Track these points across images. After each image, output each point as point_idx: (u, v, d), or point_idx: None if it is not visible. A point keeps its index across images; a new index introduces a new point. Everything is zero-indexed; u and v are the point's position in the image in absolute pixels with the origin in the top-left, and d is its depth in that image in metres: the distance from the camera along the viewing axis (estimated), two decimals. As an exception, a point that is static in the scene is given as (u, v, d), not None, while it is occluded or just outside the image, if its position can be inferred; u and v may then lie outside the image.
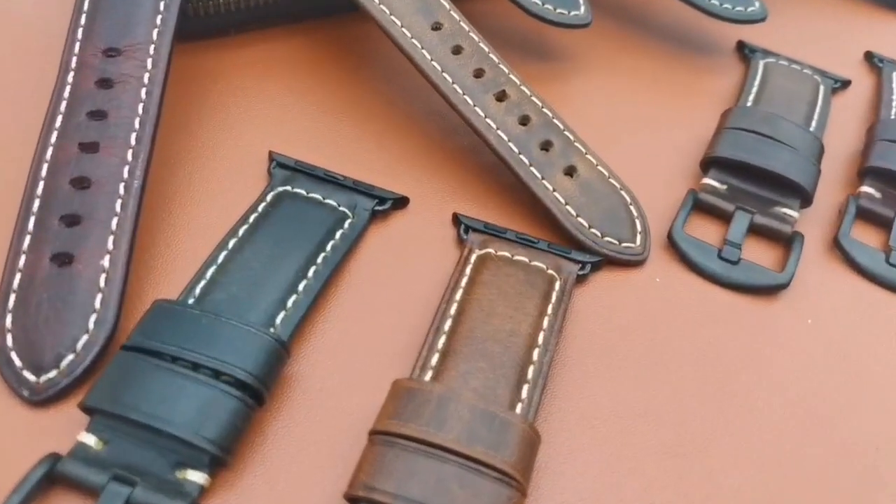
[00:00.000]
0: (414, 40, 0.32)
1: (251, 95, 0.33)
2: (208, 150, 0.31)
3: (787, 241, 0.31)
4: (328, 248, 0.27)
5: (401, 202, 0.30)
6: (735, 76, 0.39)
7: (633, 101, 0.37)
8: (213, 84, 0.33)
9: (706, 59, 0.40)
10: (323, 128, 0.33)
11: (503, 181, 0.31)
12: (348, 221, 0.28)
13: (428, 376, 0.23)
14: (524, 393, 0.23)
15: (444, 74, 0.31)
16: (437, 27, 0.32)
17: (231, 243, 0.26)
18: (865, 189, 0.33)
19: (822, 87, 0.38)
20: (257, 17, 0.35)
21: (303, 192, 0.29)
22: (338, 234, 0.27)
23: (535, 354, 0.24)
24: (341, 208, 0.28)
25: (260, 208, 0.28)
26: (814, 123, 0.35)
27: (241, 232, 0.27)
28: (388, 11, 0.32)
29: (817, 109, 0.36)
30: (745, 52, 0.40)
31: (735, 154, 0.32)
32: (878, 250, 0.31)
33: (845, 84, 0.39)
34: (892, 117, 0.36)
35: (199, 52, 0.34)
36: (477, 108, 0.31)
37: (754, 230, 0.31)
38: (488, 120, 0.30)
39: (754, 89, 0.36)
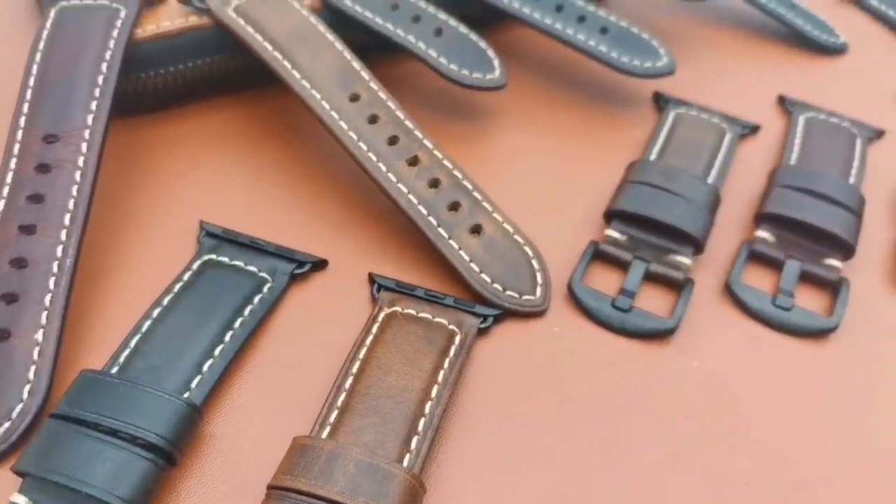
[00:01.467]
0: (332, 112, 0.34)
1: (186, 166, 0.36)
2: (143, 221, 0.33)
3: (679, 288, 0.33)
4: (246, 312, 0.29)
5: (320, 264, 0.32)
6: (650, 127, 0.41)
7: (550, 156, 0.39)
8: (150, 156, 0.36)
9: (625, 112, 0.42)
10: (253, 195, 0.35)
11: (418, 241, 0.33)
12: (267, 286, 0.30)
13: (325, 433, 0.25)
14: (413, 444, 0.25)
15: (360, 143, 0.33)
16: (354, 98, 0.35)
17: (155, 312, 0.28)
18: (760, 234, 0.35)
19: (728, 135, 0.40)
20: (192, 91, 0.38)
21: (227, 259, 0.31)
22: (256, 299, 0.30)
23: (427, 407, 0.26)
24: (261, 274, 0.31)
25: (185, 277, 0.30)
26: (714, 172, 0.37)
27: (165, 301, 0.29)
28: (308, 86, 0.35)
29: (719, 158, 0.38)
30: (660, 104, 0.42)
31: (633, 207, 0.34)
32: (765, 293, 0.33)
33: (754, 129, 0.41)
34: (793, 162, 0.39)
35: (137, 127, 0.37)
36: (389, 174, 0.33)
37: (651, 277, 0.33)
38: (400, 185, 0.33)
39: (660, 141, 0.39)
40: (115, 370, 0.27)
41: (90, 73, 0.32)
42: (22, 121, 0.31)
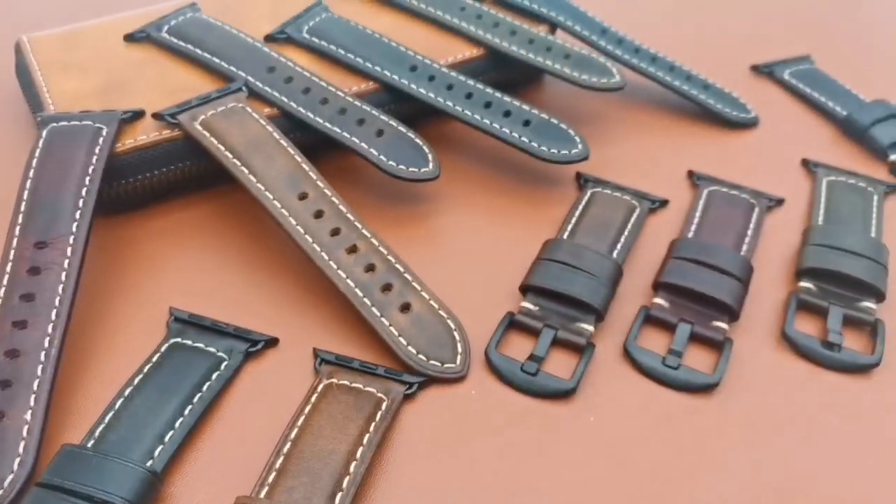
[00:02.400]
0: (283, 210, 0.39)
1: (159, 258, 0.41)
2: (121, 309, 0.38)
3: (581, 351, 0.37)
4: (204, 388, 0.34)
5: (272, 342, 0.37)
6: (571, 205, 0.46)
7: (479, 236, 0.44)
8: (128, 250, 0.41)
9: (551, 191, 0.47)
10: (219, 281, 0.40)
11: (358, 318, 0.38)
12: (224, 364, 0.35)
13: (263, 492, 0.30)
14: (337, 500, 0.30)
15: (307, 236, 0.39)
16: (303, 196, 0.40)
17: (127, 391, 0.33)
18: (657, 300, 0.40)
19: (637, 210, 0.45)
20: (166, 192, 0.43)
21: (190, 342, 0.36)
22: (214, 376, 0.34)
23: (352, 467, 0.31)
24: (219, 353, 0.36)
25: (154, 359, 0.35)
26: (619, 247, 0.42)
27: (135, 381, 0.34)
28: (263, 188, 0.40)
29: (625, 233, 0.43)
30: (581, 183, 0.47)
31: (543, 282, 0.39)
32: (657, 354, 0.38)
33: (663, 203, 0.46)
34: (691, 235, 0.43)
35: (117, 224, 0.42)
36: (331, 262, 0.38)
37: (559, 343, 0.38)
38: (340, 271, 0.38)
39: (574, 220, 0.44)
40: (90, 443, 0.31)
41: (75, 186, 0.38)
42: (17, 230, 0.36)
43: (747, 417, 0.36)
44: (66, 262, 0.36)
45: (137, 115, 0.42)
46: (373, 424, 0.33)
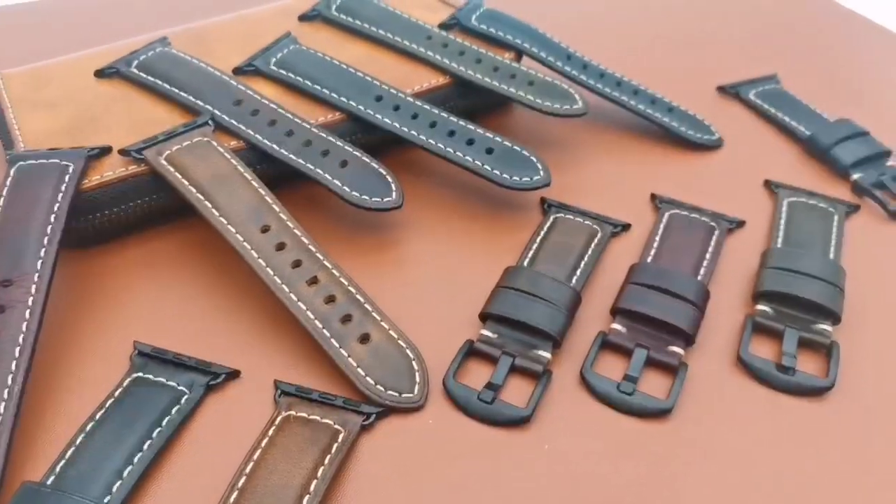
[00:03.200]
0: (245, 243, 0.40)
1: (128, 291, 0.41)
2: (87, 344, 0.39)
3: (538, 378, 0.38)
4: (164, 423, 0.34)
5: (233, 374, 0.37)
6: (535, 230, 0.47)
7: (443, 263, 0.44)
8: (98, 284, 0.42)
9: (515, 216, 0.48)
10: (184, 314, 0.40)
11: (319, 349, 0.38)
12: (185, 397, 0.36)
13: (218, 526, 0.30)
14: (290, 534, 0.30)
15: (268, 269, 0.39)
16: (265, 229, 0.40)
17: (89, 426, 0.34)
18: (615, 326, 0.40)
19: (599, 235, 0.45)
20: (132, 226, 0.44)
21: (152, 376, 0.36)
22: (174, 410, 0.35)
23: (305, 500, 0.31)
24: (180, 387, 0.36)
25: (116, 394, 0.35)
26: (578, 273, 0.42)
27: (97, 416, 0.34)
28: (226, 222, 0.40)
29: (585, 259, 0.43)
30: (544, 207, 0.48)
31: (501, 310, 0.39)
32: (612, 381, 0.38)
33: (625, 227, 0.47)
34: (650, 259, 0.44)
35: (84, 258, 0.43)
36: (291, 294, 0.38)
37: (516, 370, 0.38)
38: (300, 303, 0.38)
39: (535, 246, 0.44)
40: (50, 480, 0.32)
41: (41, 224, 0.38)
42: (-17, 269, 0.37)
43: (702, 442, 0.36)
44: (31, 299, 0.36)
45: (104, 151, 0.43)
46: (328, 457, 0.33)
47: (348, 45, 0.53)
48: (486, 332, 0.39)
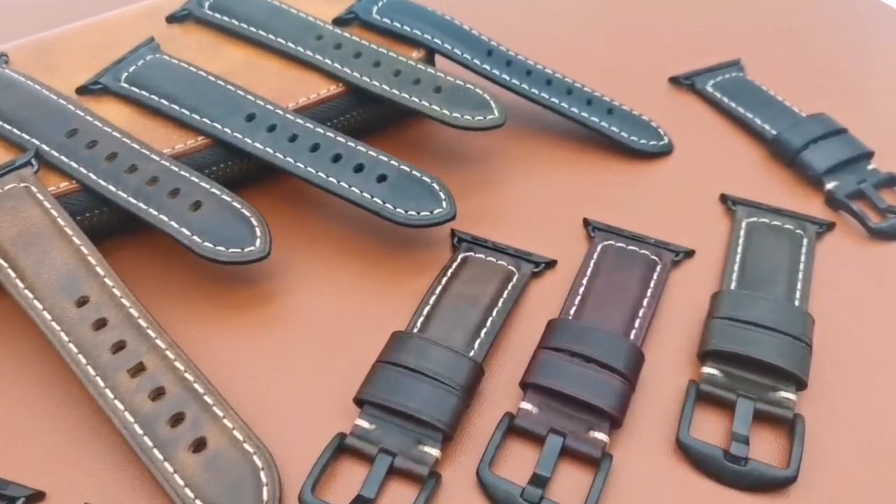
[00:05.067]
0: (53, 322, 0.31)
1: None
2: None
3: (423, 484, 0.29)
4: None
5: (36, 496, 0.29)
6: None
7: (329, 320, 0.35)
8: None
9: (420, 255, 0.39)
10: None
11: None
12: None
13: None
14: None
15: (80, 355, 0.30)
16: (82, 302, 0.32)
17: None
18: (524, 405, 0.31)
19: (515, 279, 0.36)
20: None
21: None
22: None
23: None
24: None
25: None
26: (482, 335, 0.33)
27: None
28: (31, 295, 0.31)
29: (494, 314, 0.34)
30: (454, 242, 0.39)
31: (376, 395, 0.30)
32: (516, 484, 0.29)
33: (549, 264, 0.38)
34: (572, 311, 0.35)
35: None
36: (107, 389, 0.30)
37: (396, 472, 0.30)
38: (116, 401, 0.29)
39: (432, 299, 0.35)
40: None
41: None
42: None
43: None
44: None
45: None
46: None
47: (225, 50, 0.44)
48: (361, 423, 0.31)
